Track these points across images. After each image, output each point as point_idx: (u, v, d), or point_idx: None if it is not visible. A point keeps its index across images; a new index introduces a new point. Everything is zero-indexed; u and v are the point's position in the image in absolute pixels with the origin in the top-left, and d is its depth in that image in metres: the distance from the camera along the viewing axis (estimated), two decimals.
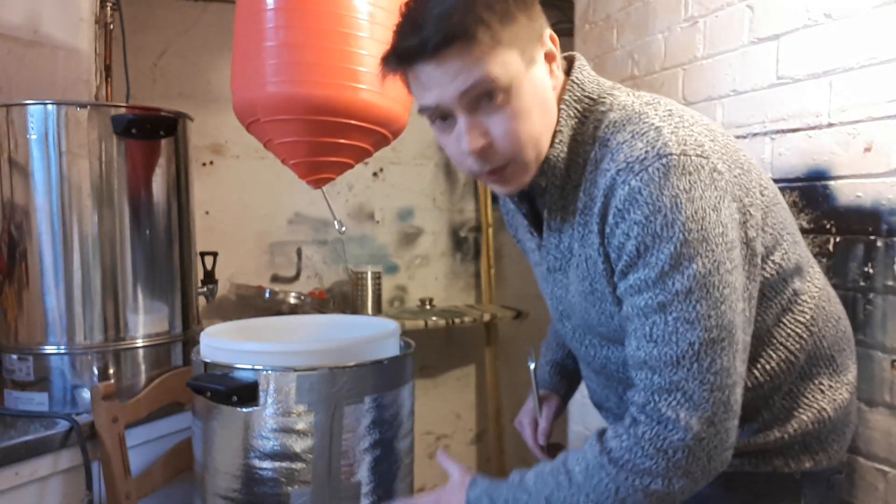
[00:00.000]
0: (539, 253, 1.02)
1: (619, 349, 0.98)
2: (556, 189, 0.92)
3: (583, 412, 2.17)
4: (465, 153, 0.85)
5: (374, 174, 2.45)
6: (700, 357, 0.80)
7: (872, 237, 1.27)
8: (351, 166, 1.39)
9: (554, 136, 0.90)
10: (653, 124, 0.85)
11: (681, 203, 0.80)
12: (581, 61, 0.94)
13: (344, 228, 1.58)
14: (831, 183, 1.35)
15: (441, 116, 0.86)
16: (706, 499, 0.99)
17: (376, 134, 1.34)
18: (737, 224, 0.84)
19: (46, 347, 1.35)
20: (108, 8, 1.82)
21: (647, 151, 0.82)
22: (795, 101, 1.43)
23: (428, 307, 2.45)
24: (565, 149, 0.90)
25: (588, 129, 0.90)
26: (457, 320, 2.28)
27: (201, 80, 2.18)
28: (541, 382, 1.23)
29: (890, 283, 1.24)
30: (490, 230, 2.56)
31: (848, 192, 1.32)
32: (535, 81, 0.86)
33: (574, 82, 0.92)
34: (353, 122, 1.28)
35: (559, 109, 0.90)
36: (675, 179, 0.80)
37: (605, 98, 0.92)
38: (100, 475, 1.30)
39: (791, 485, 0.97)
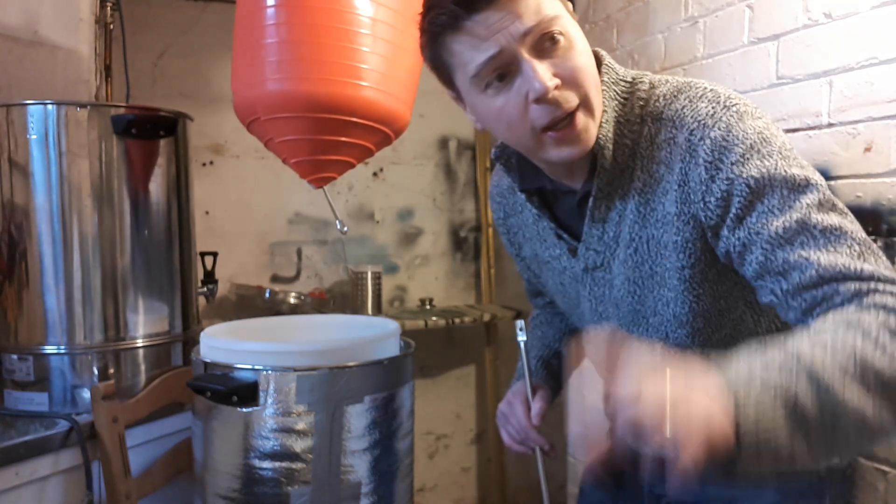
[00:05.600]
0: (568, 257, 1.00)
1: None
2: (605, 173, 0.90)
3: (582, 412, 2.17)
4: (536, 96, 0.80)
5: (374, 174, 2.45)
6: (865, 253, 0.74)
7: (872, 237, 1.27)
8: (352, 165, 1.39)
9: (601, 117, 0.88)
10: (706, 87, 0.87)
11: (767, 137, 0.81)
12: (603, 51, 0.94)
13: (346, 228, 1.58)
14: (831, 183, 1.35)
15: (499, 74, 0.82)
16: (736, 500, 0.98)
17: (378, 132, 1.34)
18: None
19: (46, 347, 1.35)
20: (108, 8, 1.82)
21: (713, 107, 0.83)
22: (795, 101, 1.43)
23: (428, 307, 2.45)
24: (612, 129, 0.89)
25: (633, 109, 0.89)
26: (457, 320, 2.28)
27: (201, 80, 2.18)
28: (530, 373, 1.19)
29: None
30: (490, 230, 2.56)
31: (848, 192, 1.32)
32: (582, 35, 0.86)
33: (608, 66, 0.91)
34: (354, 119, 1.28)
35: (601, 91, 0.89)
36: (750, 121, 0.82)
37: (641, 78, 0.91)
38: (100, 475, 1.30)
39: (816, 482, 0.98)
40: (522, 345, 1.07)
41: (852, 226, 0.78)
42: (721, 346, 0.95)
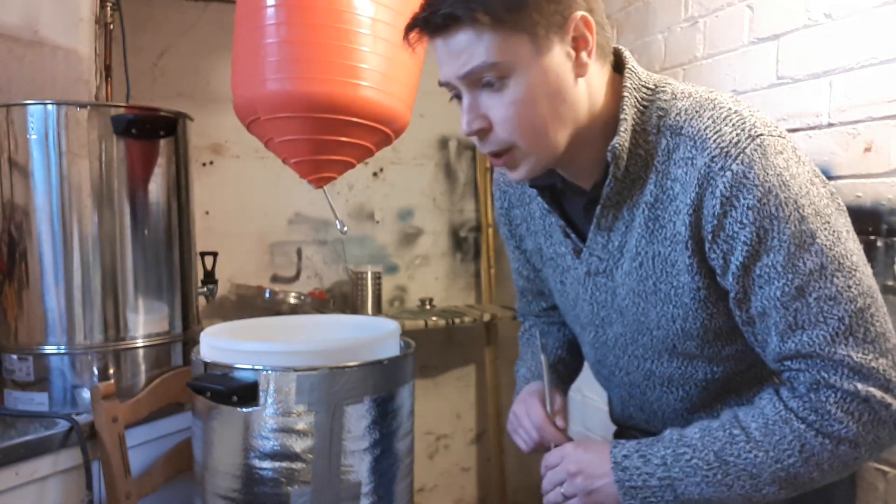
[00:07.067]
0: (572, 257, 0.99)
1: (665, 364, 0.96)
2: (616, 182, 0.88)
3: (583, 412, 2.17)
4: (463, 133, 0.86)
5: (374, 174, 2.45)
6: (854, 329, 0.79)
7: (872, 237, 1.27)
8: (352, 165, 1.39)
9: (618, 125, 0.86)
10: (731, 108, 0.84)
11: (786, 181, 0.80)
12: (628, 52, 0.92)
13: (346, 228, 1.58)
14: (831, 183, 1.35)
15: (456, 93, 0.86)
16: None
17: (378, 132, 1.34)
18: (828, 194, 0.85)
19: (46, 347, 1.35)
20: (108, 8, 1.82)
21: (738, 134, 0.81)
22: (795, 101, 1.43)
23: (428, 307, 2.45)
24: (629, 138, 0.87)
25: (651, 118, 0.87)
26: (457, 320, 2.28)
27: (201, 80, 2.18)
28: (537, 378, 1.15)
29: (890, 283, 1.24)
30: (490, 230, 2.56)
31: (848, 192, 1.32)
32: (547, 70, 0.82)
33: (631, 70, 0.89)
34: (354, 119, 1.28)
35: (622, 97, 0.87)
36: (773, 158, 0.80)
37: (664, 86, 0.89)
38: (100, 475, 1.30)
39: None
40: (540, 346, 1.04)
41: (851, 290, 0.79)
42: (731, 360, 0.94)
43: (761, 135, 0.81)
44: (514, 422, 1.08)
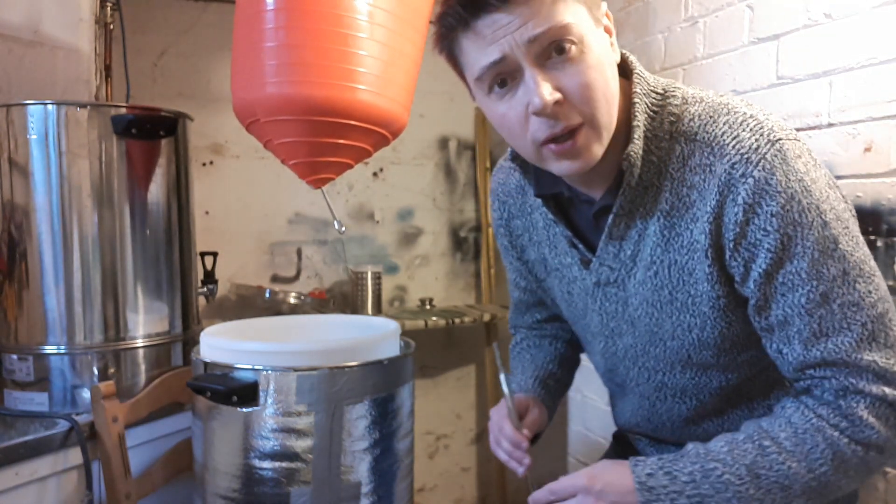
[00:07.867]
0: (579, 268, 0.97)
1: (678, 375, 0.94)
2: (629, 190, 0.86)
3: (583, 412, 2.17)
4: (535, 110, 0.78)
5: (374, 174, 2.45)
6: (876, 334, 0.78)
7: (872, 237, 1.27)
8: (351, 166, 1.39)
9: (631, 132, 0.84)
10: (746, 113, 0.83)
11: (807, 186, 0.79)
12: (633, 57, 0.90)
13: (344, 228, 1.58)
14: None
15: (500, 80, 0.80)
16: None
17: (376, 134, 1.34)
18: (843, 197, 0.85)
19: (46, 347, 1.35)
20: (108, 8, 1.82)
21: (757, 140, 0.80)
22: (795, 101, 1.43)
23: (428, 307, 2.45)
24: (642, 145, 0.85)
25: (663, 124, 0.85)
26: (457, 320, 2.28)
27: (201, 80, 2.18)
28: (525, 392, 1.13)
29: (890, 283, 1.24)
30: (490, 230, 2.56)
31: (848, 192, 1.32)
32: (602, 44, 0.82)
33: (639, 76, 0.87)
34: (352, 122, 1.28)
35: (633, 103, 0.85)
36: (793, 163, 0.79)
37: (673, 91, 0.87)
38: (100, 475, 1.30)
39: None
40: (504, 379, 1.01)
41: (871, 296, 0.79)
42: (746, 366, 0.93)
43: (780, 139, 0.80)
44: (495, 444, 1.06)
